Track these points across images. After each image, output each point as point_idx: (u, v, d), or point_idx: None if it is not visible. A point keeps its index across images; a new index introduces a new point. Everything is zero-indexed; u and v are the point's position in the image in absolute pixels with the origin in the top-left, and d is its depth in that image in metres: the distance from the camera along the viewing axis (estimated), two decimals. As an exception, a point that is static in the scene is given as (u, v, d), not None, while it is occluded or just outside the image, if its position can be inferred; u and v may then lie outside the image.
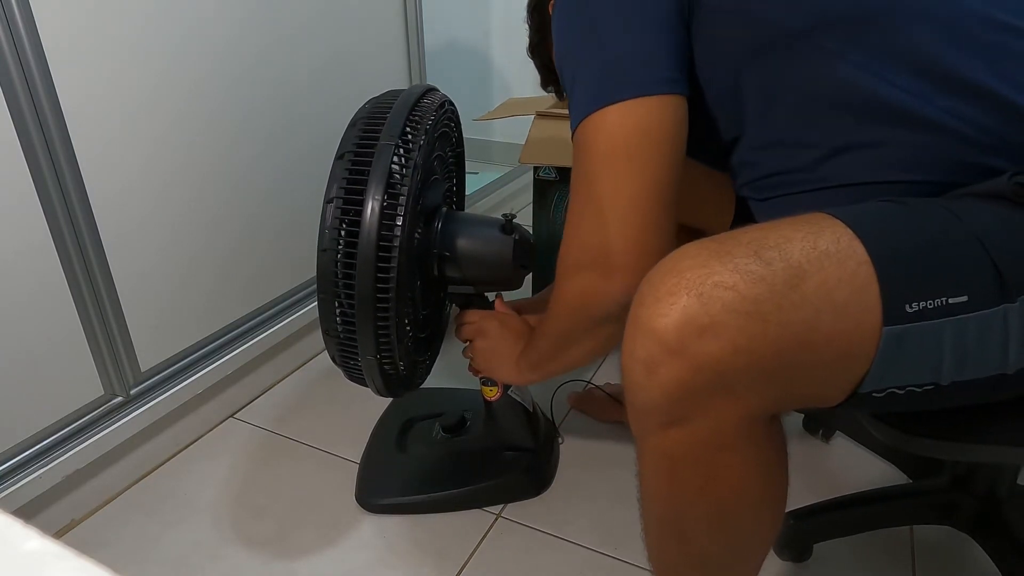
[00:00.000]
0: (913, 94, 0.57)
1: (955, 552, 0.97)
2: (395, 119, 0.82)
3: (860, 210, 0.55)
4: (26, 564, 0.22)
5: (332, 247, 0.80)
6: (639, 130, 0.62)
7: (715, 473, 0.55)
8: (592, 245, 0.66)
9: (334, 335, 0.85)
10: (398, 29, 1.50)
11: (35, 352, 0.95)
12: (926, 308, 0.50)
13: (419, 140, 0.82)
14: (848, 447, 1.16)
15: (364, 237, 0.77)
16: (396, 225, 0.78)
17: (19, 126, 0.88)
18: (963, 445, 0.62)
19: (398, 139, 0.80)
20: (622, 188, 0.63)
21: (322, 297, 0.83)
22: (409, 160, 0.81)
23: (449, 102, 0.94)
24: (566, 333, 0.77)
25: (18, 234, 0.90)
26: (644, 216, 0.63)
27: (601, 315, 0.69)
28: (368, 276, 0.78)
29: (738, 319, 0.49)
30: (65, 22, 0.90)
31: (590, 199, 0.65)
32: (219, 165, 1.16)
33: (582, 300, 0.70)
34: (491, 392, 1.05)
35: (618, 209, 0.64)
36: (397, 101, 0.85)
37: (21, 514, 0.94)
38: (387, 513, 1.04)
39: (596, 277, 0.66)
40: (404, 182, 0.79)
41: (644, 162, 0.63)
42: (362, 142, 0.81)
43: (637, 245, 0.64)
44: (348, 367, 0.89)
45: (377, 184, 0.78)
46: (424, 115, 0.85)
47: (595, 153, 0.64)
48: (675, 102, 0.64)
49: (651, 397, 0.52)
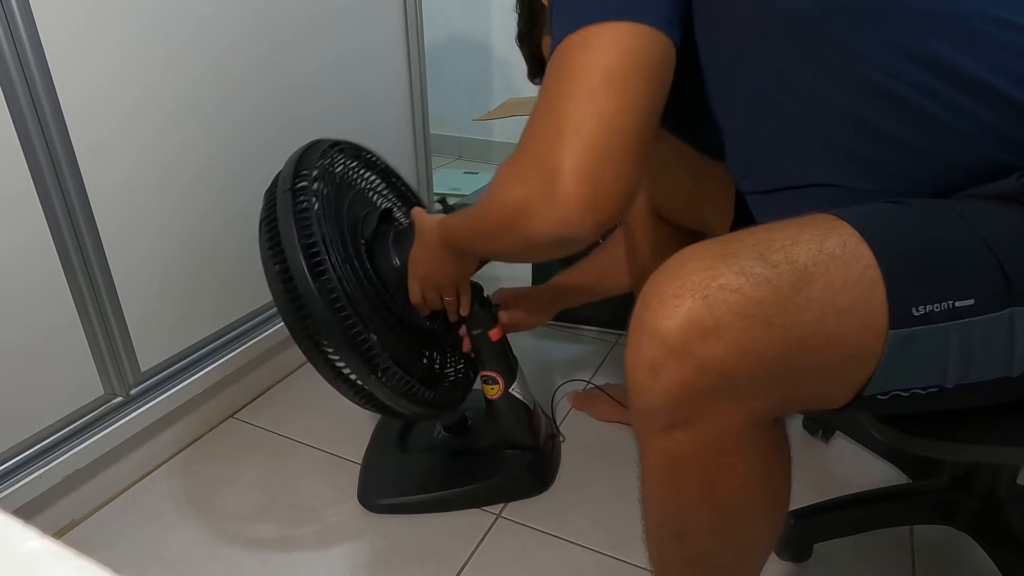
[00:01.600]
0: (919, 88, 0.57)
1: (955, 552, 0.97)
2: (285, 175, 0.88)
3: (866, 211, 0.55)
4: (26, 564, 0.22)
5: (288, 307, 0.86)
6: (628, 51, 0.57)
7: (718, 476, 0.55)
8: (543, 160, 0.58)
9: (341, 379, 0.89)
10: (398, 29, 1.50)
11: (35, 352, 0.95)
12: (932, 311, 0.50)
13: (311, 191, 0.87)
14: (848, 447, 1.16)
15: (307, 297, 0.83)
16: (326, 271, 0.83)
17: (18, 124, 0.87)
18: (963, 445, 0.62)
19: (292, 184, 0.87)
20: (595, 107, 0.56)
21: (306, 350, 0.88)
22: (311, 208, 0.85)
23: (332, 143, 0.97)
24: (493, 244, 0.72)
25: (17, 234, 0.90)
26: (610, 142, 0.56)
27: (531, 238, 0.61)
28: (325, 312, 0.83)
29: (743, 322, 0.49)
30: (64, 19, 0.90)
31: (552, 115, 0.58)
32: (219, 164, 1.16)
33: (514, 217, 0.61)
34: (492, 390, 1.05)
35: (583, 131, 0.56)
36: (284, 166, 0.91)
37: (21, 514, 0.94)
38: (389, 513, 1.04)
39: (536, 197, 0.58)
40: (312, 233, 0.84)
41: (625, 86, 0.56)
42: (269, 211, 0.87)
43: (593, 174, 0.56)
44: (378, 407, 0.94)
45: (291, 246, 0.83)
46: (310, 167, 0.90)
47: (574, 67, 0.58)
48: (667, 43, 0.59)
49: (654, 399, 0.52)
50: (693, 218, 0.98)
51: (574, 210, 0.57)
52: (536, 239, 0.60)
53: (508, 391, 1.05)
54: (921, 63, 0.56)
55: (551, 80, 0.60)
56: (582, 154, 0.56)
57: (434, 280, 0.92)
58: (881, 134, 0.59)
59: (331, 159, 0.95)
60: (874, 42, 0.57)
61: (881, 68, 0.57)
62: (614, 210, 0.58)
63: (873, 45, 0.57)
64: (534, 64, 0.96)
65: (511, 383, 1.05)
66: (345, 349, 0.84)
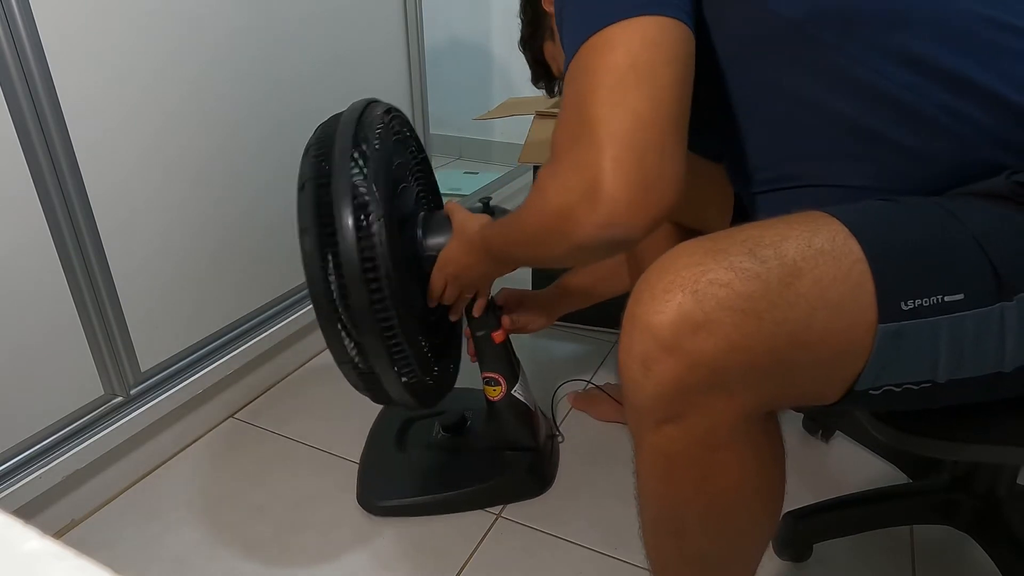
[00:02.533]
0: (911, 89, 0.57)
1: (955, 552, 0.97)
2: (343, 137, 0.82)
3: (857, 208, 0.55)
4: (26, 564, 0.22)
5: (319, 276, 0.81)
6: (653, 44, 0.56)
7: (711, 471, 0.55)
8: (583, 164, 0.57)
9: (347, 361, 0.86)
10: (398, 29, 1.50)
11: (35, 352, 0.95)
12: (921, 306, 0.50)
13: (373, 150, 0.82)
14: (848, 447, 1.16)
15: (345, 255, 0.78)
16: (372, 235, 0.79)
17: (18, 124, 0.88)
18: (962, 445, 0.62)
19: (352, 154, 0.81)
20: (628, 105, 0.55)
21: (325, 326, 0.84)
22: (367, 172, 0.81)
23: (394, 109, 0.94)
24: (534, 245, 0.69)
25: (17, 234, 0.90)
26: (648, 138, 0.55)
27: (579, 242, 0.60)
28: (361, 293, 0.79)
29: (733, 316, 0.49)
30: (64, 19, 0.90)
31: (585, 119, 0.56)
32: (218, 164, 1.16)
33: (560, 222, 0.60)
34: (494, 392, 1.05)
35: (619, 130, 0.55)
36: (341, 120, 0.86)
37: (21, 514, 0.94)
38: (390, 515, 1.04)
39: (580, 201, 0.57)
40: (369, 194, 0.80)
41: (655, 80, 0.55)
42: (318, 165, 0.82)
43: (635, 171, 0.55)
44: (373, 390, 0.90)
45: (344, 201, 0.78)
46: (371, 126, 0.85)
47: (599, 69, 0.56)
48: (687, 31, 0.58)
49: (647, 394, 0.52)
50: (693, 217, 0.98)
51: (621, 210, 0.56)
52: (585, 242, 0.59)
53: (510, 393, 1.05)
54: (912, 64, 0.57)
55: (578, 84, 0.58)
56: (622, 152, 0.55)
57: (464, 280, 0.91)
58: (874, 134, 0.59)
59: (392, 120, 0.91)
60: (865, 44, 0.58)
61: (872, 69, 0.58)
62: (663, 204, 0.56)
63: (865, 47, 0.58)
64: (537, 68, 0.97)
65: (513, 385, 1.05)
66: (372, 340, 0.82)
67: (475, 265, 0.87)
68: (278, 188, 1.27)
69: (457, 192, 2.15)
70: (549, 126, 1.37)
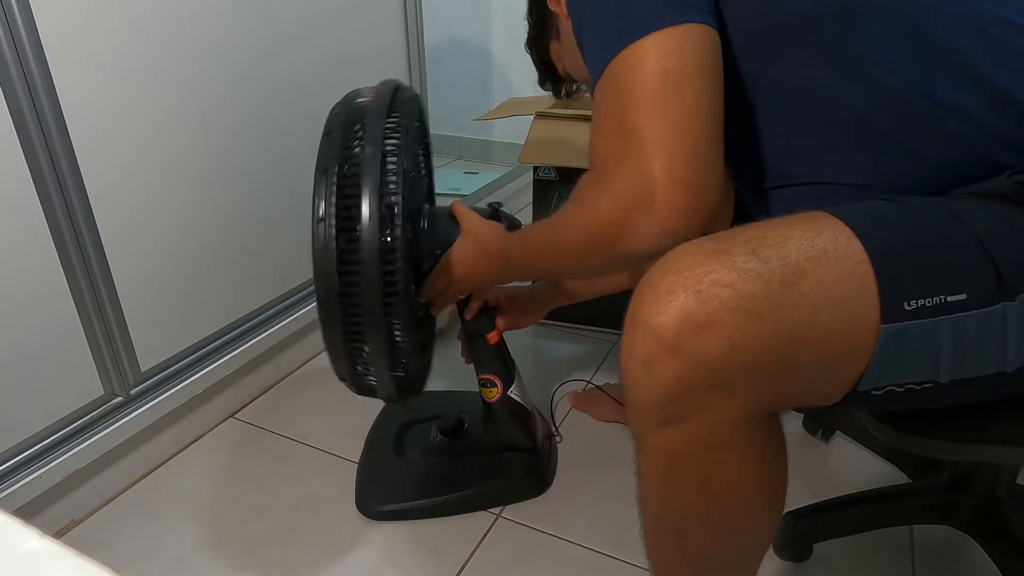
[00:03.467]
0: (917, 85, 0.57)
1: (955, 552, 0.97)
2: (375, 126, 0.80)
3: (859, 208, 0.55)
4: (26, 564, 0.22)
5: (331, 268, 0.77)
6: (681, 54, 0.57)
7: (713, 471, 0.55)
8: (634, 179, 0.58)
9: (342, 354, 0.84)
10: (398, 29, 1.50)
11: (35, 352, 0.95)
12: (924, 306, 0.50)
13: (403, 144, 0.80)
14: (848, 447, 1.16)
15: (366, 250, 0.76)
16: (397, 236, 0.77)
17: (18, 124, 0.88)
18: (963, 445, 0.62)
19: (383, 146, 0.79)
20: (667, 116, 0.57)
21: (326, 320, 0.81)
22: (397, 166, 0.79)
23: (416, 95, 0.92)
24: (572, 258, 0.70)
25: (17, 234, 0.90)
26: (692, 144, 0.57)
27: (630, 253, 0.61)
28: (375, 291, 0.77)
29: (735, 317, 0.49)
30: (64, 19, 0.90)
31: (627, 133, 0.58)
32: (218, 164, 1.16)
33: (610, 235, 0.61)
34: (491, 393, 1.05)
35: (664, 139, 0.56)
36: (373, 105, 0.82)
37: (21, 514, 0.94)
38: (389, 520, 1.04)
39: (634, 214, 0.58)
40: (396, 189, 0.78)
41: (689, 88, 0.57)
42: (346, 153, 0.78)
43: (686, 178, 0.57)
44: (360, 384, 0.89)
45: (372, 196, 0.76)
46: (400, 116, 0.83)
47: (634, 85, 0.58)
48: (712, 34, 0.59)
49: (649, 395, 0.52)
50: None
51: (677, 217, 0.57)
52: (636, 253, 0.60)
53: (506, 394, 1.05)
54: (919, 60, 0.57)
55: (610, 101, 0.60)
56: (670, 162, 0.57)
57: (468, 284, 0.90)
58: (877, 130, 0.59)
59: (417, 107, 0.89)
60: (872, 38, 0.58)
61: (879, 64, 0.58)
62: (711, 208, 0.58)
63: (872, 41, 0.58)
64: (543, 69, 0.97)
65: (509, 386, 1.05)
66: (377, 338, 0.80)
67: (486, 272, 0.87)
68: (278, 188, 1.27)
69: (457, 192, 2.15)
70: (549, 126, 1.37)
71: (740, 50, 0.63)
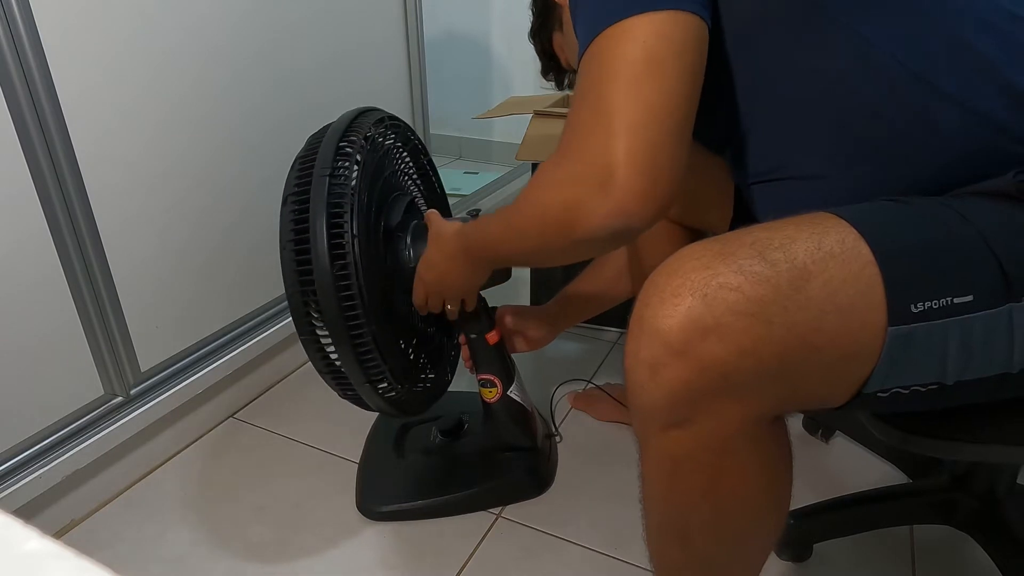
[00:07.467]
0: (923, 76, 0.56)
1: (955, 552, 0.97)
2: (325, 150, 0.83)
3: (865, 209, 0.55)
4: (26, 564, 0.22)
5: (296, 289, 0.83)
6: (665, 37, 0.56)
7: (718, 475, 0.55)
8: (595, 157, 0.56)
9: (328, 372, 0.88)
10: (398, 28, 1.50)
11: (35, 352, 0.95)
12: (931, 308, 0.50)
13: (355, 163, 0.83)
14: (848, 447, 1.16)
15: (319, 273, 0.80)
16: (346, 254, 0.80)
17: (18, 124, 0.87)
18: (963, 445, 0.62)
19: (331, 170, 0.82)
20: (641, 97, 0.55)
21: (304, 339, 0.87)
22: (351, 185, 0.82)
23: (389, 117, 0.94)
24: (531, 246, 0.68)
25: (17, 234, 0.90)
26: (660, 129, 0.55)
27: (586, 235, 0.59)
28: (334, 309, 0.81)
29: (742, 321, 0.49)
30: (64, 19, 0.90)
31: (599, 110, 0.57)
32: (219, 164, 1.16)
33: (566, 214, 0.59)
34: (490, 394, 1.05)
35: (633, 121, 0.55)
36: (327, 132, 0.86)
37: (21, 514, 0.94)
38: (389, 520, 1.04)
39: (591, 192, 0.57)
40: (348, 210, 0.81)
41: (666, 72, 0.56)
42: (300, 181, 0.83)
43: (648, 162, 0.55)
44: (346, 397, 0.92)
45: (319, 221, 0.80)
46: (358, 137, 0.85)
47: (613, 61, 0.57)
48: (701, 24, 0.58)
49: (654, 398, 0.52)
50: (693, 217, 0.98)
51: (633, 201, 0.55)
52: (592, 235, 0.58)
53: (506, 394, 1.05)
54: (927, 51, 0.56)
55: (590, 75, 0.58)
56: (635, 144, 0.55)
57: (443, 287, 0.89)
58: (881, 120, 0.59)
59: (385, 129, 0.92)
60: (880, 27, 0.57)
61: (885, 53, 0.57)
62: (669, 195, 0.57)
63: (879, 29, 0.57)
64: (546, 60, 0.96)
65: (509, 386, 1.05)
66: (344, 351, 0.83)
67: (453, 270, 0.86)
68: (278, 188, 1.26)
69: (457, 192, 2.14)
70: (547, 124, 1.37)
71: (744, 36, 0.63)
